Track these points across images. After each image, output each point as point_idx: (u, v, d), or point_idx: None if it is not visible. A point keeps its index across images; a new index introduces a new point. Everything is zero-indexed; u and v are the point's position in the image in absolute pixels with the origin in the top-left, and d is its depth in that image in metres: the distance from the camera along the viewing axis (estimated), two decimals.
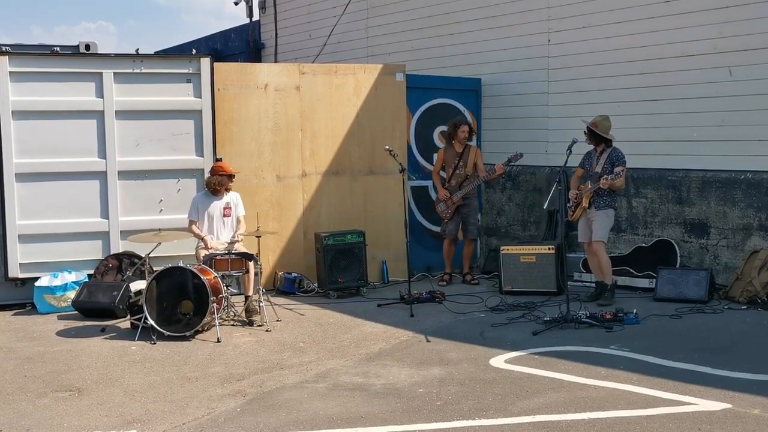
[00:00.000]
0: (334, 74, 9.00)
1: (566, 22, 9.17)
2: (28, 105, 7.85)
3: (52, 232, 7.91)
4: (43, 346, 6.54)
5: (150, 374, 5.72)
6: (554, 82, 9.37)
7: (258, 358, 6.08)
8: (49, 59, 8.05)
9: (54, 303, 7.68)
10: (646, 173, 8.54)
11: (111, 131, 8.04)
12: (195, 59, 8.30)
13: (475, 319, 7.18)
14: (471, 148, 8.82)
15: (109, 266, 7.97)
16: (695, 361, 5.67)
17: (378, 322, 7.13)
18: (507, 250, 8.36)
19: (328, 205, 8.98)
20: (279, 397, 5.20)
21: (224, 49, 14.96)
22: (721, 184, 7.98)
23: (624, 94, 8.61)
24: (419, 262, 9.26)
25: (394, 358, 6.01)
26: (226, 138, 8.49)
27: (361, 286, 8.47)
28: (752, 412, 4.67)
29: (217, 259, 7.05)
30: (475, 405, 4.91)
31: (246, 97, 8.59)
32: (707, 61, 7.96)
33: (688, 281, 7.62)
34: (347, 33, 12.10)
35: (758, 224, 7.75)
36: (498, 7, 9.87)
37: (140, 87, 8.13)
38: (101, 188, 8.06)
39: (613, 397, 4.99)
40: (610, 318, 6.76)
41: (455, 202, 8.75)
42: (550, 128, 9.41)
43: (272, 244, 8.62)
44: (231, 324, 7.10)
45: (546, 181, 9.40)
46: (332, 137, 8.98)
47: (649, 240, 8.52)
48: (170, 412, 4.94)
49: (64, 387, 5.47)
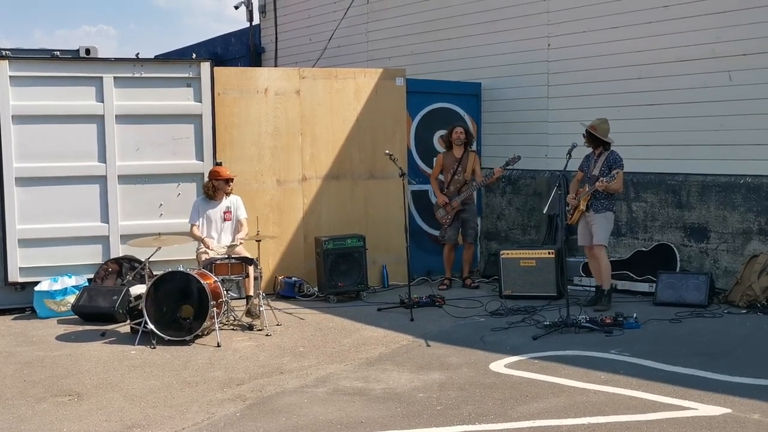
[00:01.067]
0: (334, 78, 9.01)
1: (566, 27, 9.19)
2: (29, 109, 7.86)
3: (52, 237, 7.92)
4: (42, 350, 6.54)
5: (150, 379, 5.71)
6: (554, 86, 9.37)
7: (258, 363, 6.08)
8: (50, 64, 8.06)
9: (54, 307, 7.68)
10: (646, 177, 8.54)
11: (111, 135, 8.05)
12: (195, 63, 8.31)
13: (475, 324, 7.18)
14: (470, 154, 8.83)
15: (109, 270, 7.97)
16: (695, 365, 5.67)
17: (378, 327, 7.13)
18: (507, 254, 8.36)
19: (329, 209, 8.98)
20: (279, 401, 5.20)
21: (224, 53, 14.98)
22: (721, 189, 7.99)
23: (623, 98, 8.62)
24: (419, 266, 9.27)
25: (394, 363, 6.00)
26: (226, 142, 8.50)
27: (362, 290, 8.47)
28: (752, 416, 4.67)
29: (217, 264, 7.05)
30: (475, 410, 4.91)
31: (246, 101, 8.60)
32: (706, 66, 7.97)
33: (688, 285, 7.62)
34: (347, 37, 12.12)
35: (758, 228, 7.75)
36: (498, 12, 9.89)
37: (140, 91, 8.13)
38: (101, 192, 8.07)
39: (613, 402, 4.99)
40: (610, 322, 6.76)
41: (454, 208, 8.76)
42: (550, 132, 9.42)
43: (272, 249, 8.62)
44: (231, 328, 7.10)
45: (546, 185, 9.40)
46: (332, 141, 8.99)
47: (648, 244, 8.52)
48: (170, 417, 4.94)
49: (63, 392, 5.47)
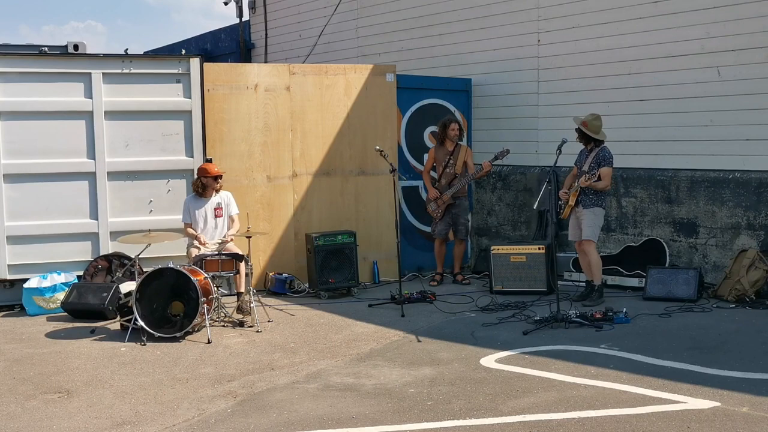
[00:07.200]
0: (324, 74, 8.99)
1: (556, 23, 9.20)
2: (16, 105, 7.82)
3: (41, 234, 7.88)
4: (32, 347, 6.51)
5: (140, 376, 5.70)
6: (544, 82, 9.39)
7: (249, 359, 6.07)
8: (38, 59, 8.02)
9: (43, 304, 7.65)
10: (635, 173, 8.57)
11: (100, 132, 8.01)
12: (185, 59, 8.28)
13: (466, 319, 7.20)
14: (461, 147, 8.84)
15: (99, 267, 7.94)
16: (684, 359, 5.70)
17: (369, 323, 7.14)
18: (497, 249, 8.37)
19: (319, 205, 8.97)
20: (270, 397, 5.19)
21: (214, 49, 14.92)
22: (710, 184, 8.03)
23: (613, 94, 8.64)
24: (410, 263, 9.28)
25: (385, 359, 6.01)
26: (216, 138, 8.47)
27: (352, 286, 8.46)
28: (741, 410, 4.69)
29: (208, 260, 7.03)
30: (466, 405, 4.92)
31: (236, 97, 8.57)
32: (695, 61, 8.00)
33: (678, 280, 7.66)
34: (337, 33, 12.10)
35: (746, 223, 7.80)
36: (488, 8, 9.89)
37: (129, 87, 8.10)
38: (90, 189, 8.03)
39: (602, 396, 5.01)
40: (600, 317, 6.79)
41: (445, 201, 8.76)
42: (540, 128, 9.44)
43: (263, 245, 8.61)
44: (222, 325, 7.08)
45: (536, 181, 9.42)
46: (323, 138, 8.98)
47: (638, 239, 8.56)
48: (160, 414, 4.93)
49: (53, 389, 5.44)
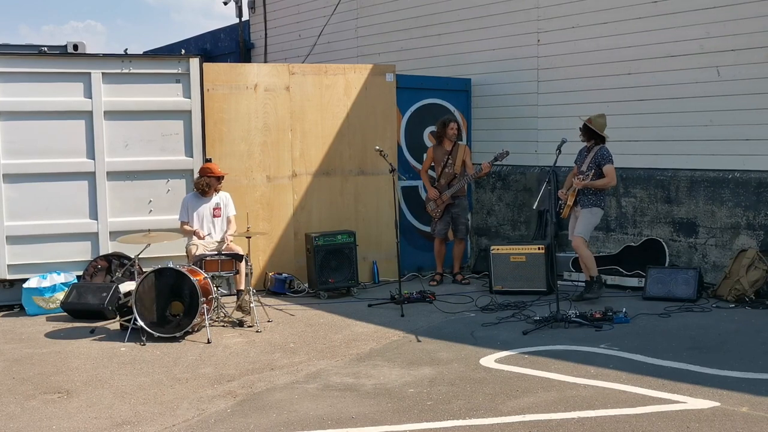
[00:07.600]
0: (324, 74, 8.99)
1: (555, 23, 9.20)
2: (16, 105, 7.81)
3: (41, 233, 7.88)
4: (31, 347, 6.51)
5: (140, 376, 5.70)
6: (544, 82, 9.39)
7: (248, 359, 6.07)
8: (37, 59, 8.01)
9: (43, 304, 7.64)
10: (635, 173, 8.58)
11: (100, 132, 8.01)
12: (184, 59, 8.27)
13: (466, 319, 7.20)
14: (460, 146, 8.84)
15: (99, 267, 7.94)
16: (684, 359, 5.70)
17: (369, 323, 7.14)
18: (497, 249, 8.38)
19: (319, 205, 8.97)
20: (269, 398, 5.19)
21: (214, 49, 14.93)
22: (710, 184, 8.03)
23: (613, 93, 8.64)
24: (410, 262, 9.28)
25: (384, 359, 6.01)
26: (215, 138, 8.47)
27: (352, 286, 8.46)
28: (740, 410, 4.70)
29: (207, 260, 7.03)
30: (466, 405, 4.92)
31: (236, 97, 8.57)
32: (695, 61, 8.01)
33: (677, 280, 7.66)
34: (337, 33, 12.09)
35: (746, 223, 7.80)
36: (487, 8, 9.89)
37: (129, 87, 8.10)
38: (90, 189, 8.03)
39: (602, 396, 5.01)
40: (600, 317, 6.79)
41: (444, 201, 8.76)
42: (540, 128, 9.44)
43: (263, 245, 8.61)
44: (221, 325, 7.08)
45: (536, 180, 9.42)
46: (322, 137, 8.98)
47: (638, 239, 8.56)
48: (160, 414, 4.93)
49: (53, 389, 5.44)
